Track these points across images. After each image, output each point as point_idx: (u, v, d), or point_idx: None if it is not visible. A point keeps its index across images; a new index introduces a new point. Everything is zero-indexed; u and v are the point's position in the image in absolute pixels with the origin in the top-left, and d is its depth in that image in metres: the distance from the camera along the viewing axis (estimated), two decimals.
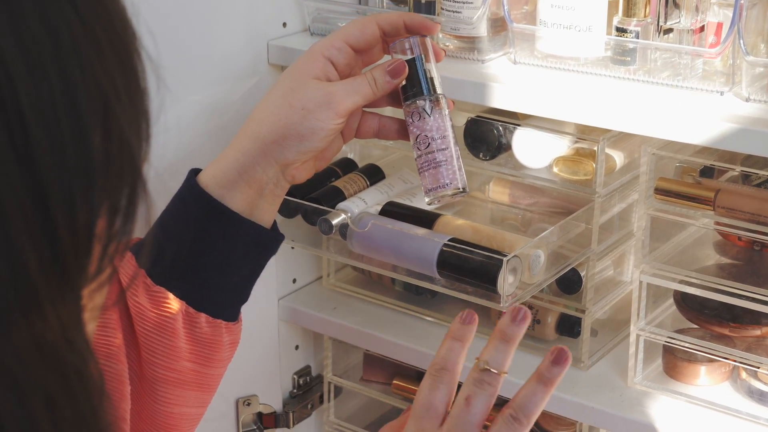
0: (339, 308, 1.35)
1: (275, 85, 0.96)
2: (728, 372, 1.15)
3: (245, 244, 0.96)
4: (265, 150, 0.93)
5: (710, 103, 1.02)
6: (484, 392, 0.80)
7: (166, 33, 1.14)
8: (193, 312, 0.95)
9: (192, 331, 0.95)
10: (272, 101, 0.95)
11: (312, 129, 0.93)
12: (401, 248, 1.09)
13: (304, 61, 0.95)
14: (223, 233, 0.94)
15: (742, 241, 1.16)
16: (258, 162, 0.94)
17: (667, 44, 1.07)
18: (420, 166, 0.97)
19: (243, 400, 1.35)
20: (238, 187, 0.94)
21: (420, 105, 0.96)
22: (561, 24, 1.10)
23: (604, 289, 1.23)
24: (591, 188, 1.14)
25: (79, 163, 0.47)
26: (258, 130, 0.94)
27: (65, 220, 0.47)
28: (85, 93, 0.48)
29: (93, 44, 0.48)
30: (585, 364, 1.20)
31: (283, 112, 0.93)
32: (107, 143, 0.49)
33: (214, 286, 0.96)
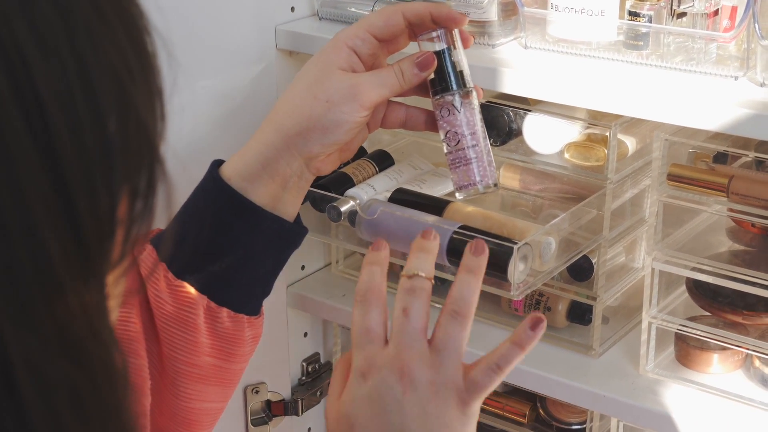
0: (348, 295, 1.34)
1: (299, 75, 0.94)
2: (741, 360, 1.14)
3: (268, 238, 0.94)
4: (288, 143, 0.92)
5: (724, 89, 1.01)
6: (418, 299, 0.77)
7: (174, 18, 1.13)
8: (215, 306, 0.94)
9: (213, 326, 0.94)
10: (296, 93, 0.93)
11: (337, 122, 0.91)
12: (410, 235, 1.08)
13: (328, 52, 0.93)
14: (246, 227, 0.93)
15: (756, 227, 1.15)
16: (282, 155, 0.92)
17: (680, 28, 1.06)
18: (450, 162, 0.97)
19: (251, 387, 1.35)
20: (261, 180, 0.93)
21: (449, 100, 0.96)
22: (572, 8, 1.09)
23: (615, 276, 1.22)
24: (603, 174, 1.13)
25: (97, 145, 0.47)
26: (281, 122, 0.92)
27: (87, 205, 0.47)
28: (100, 74, 0.47)
29: (104, 24, 0.48)
30: (596, 351, 1.19)
31: (307, 104, 0.91)
32: (124, 124, 0.48)
33: (236, 280, 0.95)
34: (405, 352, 0.75)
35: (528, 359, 1.18)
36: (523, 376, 1.19)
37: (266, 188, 0.93)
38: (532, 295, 1.22)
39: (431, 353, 0.76)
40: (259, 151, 0.93)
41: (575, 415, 1.28)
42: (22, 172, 0.45)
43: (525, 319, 0.79)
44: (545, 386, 1.18)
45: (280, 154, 0.92)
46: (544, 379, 1.17)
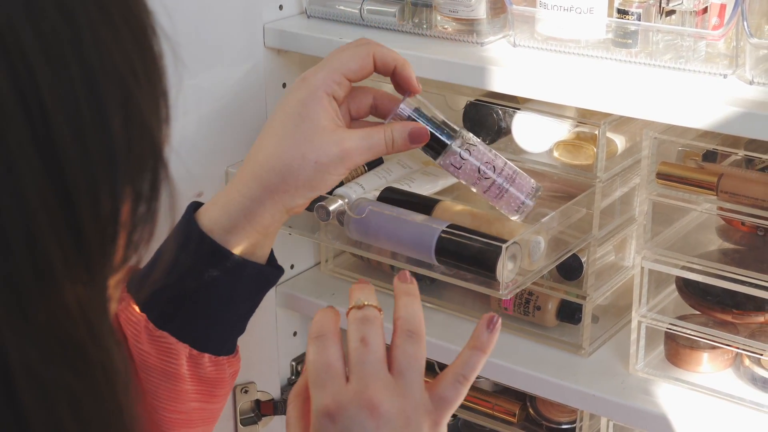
0: (337, 294, 1.34)
1: (281, 123, 0.93)
2: (731, 359, 1.14)
3: (249, 285, 0.95)
4: (274, 197, 0.92)
5: (713, 87, 1.01)
6: (373, 326, 0.76)
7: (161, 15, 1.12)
8: (197, 354, 0.94)
9: (197, 373, 0.95)
10: (282, 147, 0.92)
11: (324, 180, 0.92)
12: (399, 235, 1.08)
13: (308, 102, 0.92)
14: (229, 277, 0.93)
15: (746, 226, 1.15)
16: (266, 208, 0.92)
17: (669, 26, 1.06)
18: (491, 199, 1.01)
19: (240, 387, 1.34)
20: (244, 231, 0.93)
21: (453, 156, 0.99)
22: (561, 6, 1.08)
23: (605, 275, 1.21)
24: (592, 173, 1.13)
25: (101, 150, 0.47)
26: (267, 178, 0.92)
27: (89, 209, 0.47)
28: (104, 78, 0.47)
29: (110, 28, 0.48)
30: (586, 350, 1.18)
31: (296, 163, 0.91)
32: (128, 128, 0.48)
33: (217, 326, 0.95)
34: (370, 385, 0.74)
35: (518, 358, 1.19)
36: (513, 375, 1.18)
37: (248, 239, 0.93)
38: (521, 295, 1.21)
39: (395, 379, 0.75)
40: (242, 204, 0.92)
41: (565, 414, 1.27)
42: (24, 176, 0.44)
43: (480, 321, 0.79)
44: (535, 386, 1.18)
45: (265, 208, 0.92)
46: (533, 378, 1.17)
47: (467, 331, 1.23)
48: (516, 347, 1.21)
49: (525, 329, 1.22)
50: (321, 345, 0.76)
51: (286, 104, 0.93)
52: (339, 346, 0.76)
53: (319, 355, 0.75)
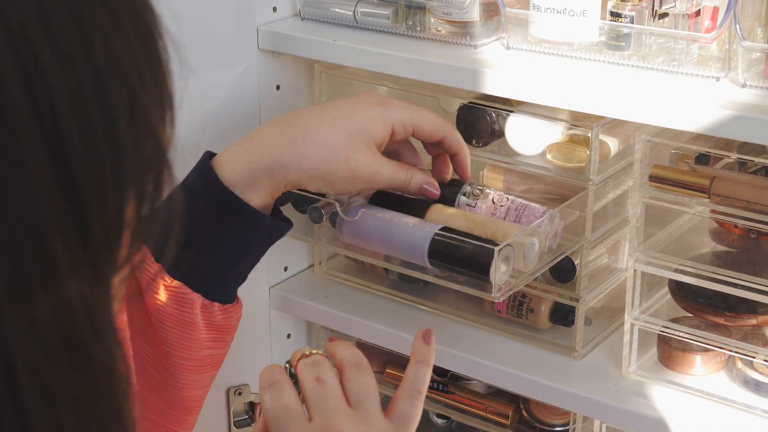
0: (331, 296, 1.34)
1: (342, 117, 1.00)
2: (724, 361, 1.14)
3: (263, 238, 1.00)
4: (301, 175, 0.98)
5: (706, 89, 1.01)
6: (324, 366, 0.79)
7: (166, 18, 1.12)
8: (208, 303, 0.98)
9: (209, 321, 0.98)
10: (334, 142, 0.98)
11: (346, 187, 1.01)
12: (392, 237, 1.08)
13: (375, 123, 1.00)
14: (247, 231, 0.97)
15: (738, 228, 1.15)
16: (290, 179, 0.98)
17: (662, 29, 1.06)
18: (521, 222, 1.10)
19: (234, 389, 1.34)
20: (263, 190, 0.97)
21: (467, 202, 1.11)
22: (554, 8, 1.08)
23: (598, 277, 1.21)
24: (585, 175, 1.13)
25: (108, 150, 0.47)
26: (306, 158, 0.97)
27: (96, 208, 0.47)
28: (112, 80, 0.48)
29: (118, 30, 0.48)
30: (579, 353, 1.18)
31: (338, 161, 0.98)
32: (134, 129, 0.49)
33: (227, 276, 0.99)
34: (334, 418, 0.76)
35: (511, 361, 1.19)
36: (506, 377, 1.18)
37: (265, 197, 0.98)
38: (514, 297, 1.21)
39: (355, 410, 0.77)
40: (271, 168, 0.97)
41: (558, 416, 1.27)
42: (32, 173, 0.45)
43: (416, 337, 0.83)
44: (528, 388, 1.18)
45: (289, 178, 0.98)
46: (527, 380, 1.17)
47: (461, 334, 1.23)
48: (509, 350, 1.21)
49: (518, 331, 1.22)
50: (275, 391, 0.78)
51: (358, 110, 1.01)
52: (293, 389, 0.79)
53: (276, 401, 0.77)
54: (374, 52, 1.17)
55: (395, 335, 1.25)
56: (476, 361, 1.20)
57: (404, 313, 1.28)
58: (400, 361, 1.35)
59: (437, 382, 1.32)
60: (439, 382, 1.32)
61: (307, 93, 1.33)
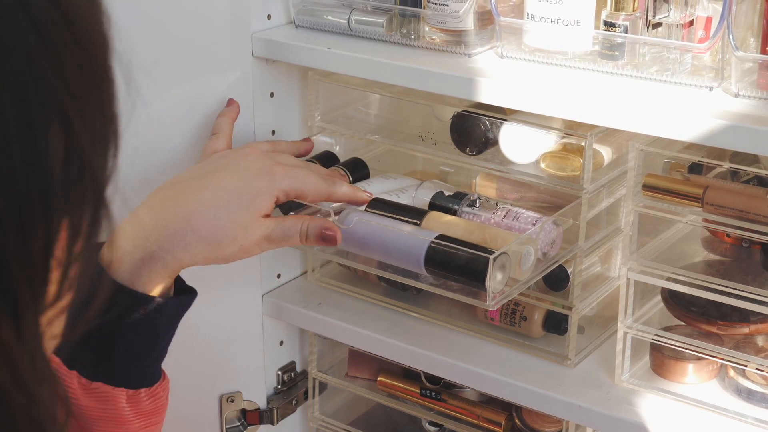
0: (324, 304, 1.34)
1: (226, 193, 1.00)
2: (716, 370, 1.14)
3: (172, 318, 0.99)
4: (193, 258, 0.98)
5: (699, 99, 1.01)
6: None
7: (149, 23, 1.12)
8: (133, 392, 0.96)
9: (137, 409, 0.97)
10: (219, 222, 0.98)
11: (238, 257, 1.02)
12: (387, 245, 1.08)
13: (262, 196, 1.01)
14: (151, 320, 0.96)
15: (731, 237, 1.16)
16: (182, 263, 0.98)
17: (655, 39, 1.06)
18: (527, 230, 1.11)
19: (227, 396, 1.34)
20: (158, 278, 0.96)
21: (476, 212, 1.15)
22: (548, 18, 1.09)
23: (591, 286, 1.22)
24: (578, 184, 1.13)
25: (35, 187, 0.44)
26: (193, 243, 0.98)
27: (17, 250, 0.44)
28: (42, 112, 0.44)
29: (50, 55, 0.45)
30: (572, 361, 1.19)
31: (226, 241, 0.99)
32: (68, 166, 0.45)
33: (145, 361, 0.98)
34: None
35: (504, 369, 1.19)
36: (499, 385, 1.19)
37: (162, 284, 0.97)
38: (507, 305, 1.21)
39: None
40: (163, 260, 0.96)
41: (551, 424, 1.28)
42: None
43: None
44: (521, 396, 1.18)
45: (183, 265, 0.99)
46: (519, 388, 1.17)
47: (454, 341, 1.24)
48: (502, 357, 1.21)
49: (511, 339, 1.23)
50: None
51: (244, 184, 1.01)
52: None
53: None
54: (368, 60, 1.17)
55: (388, 343, 1.26)
56: (469, 369, 1.20)
57: (397, 321, 1.28)
58: (393, 369, 1.35)
59: (430, 389, 1.32)
60: (431, 389, 1.32)
61: (301, 100, 1.33)
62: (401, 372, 1.35)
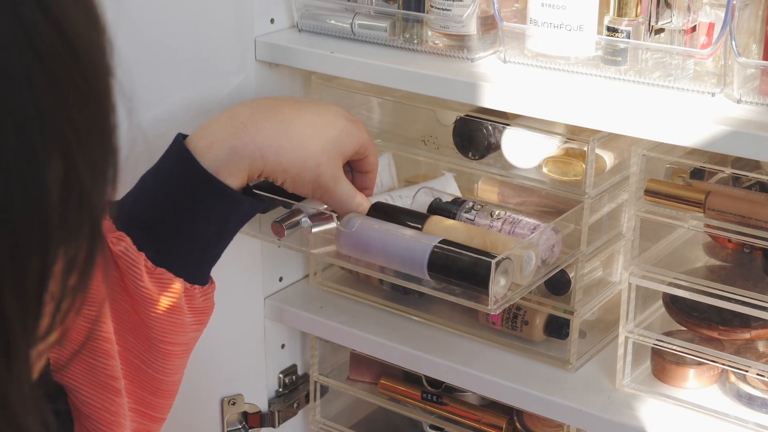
0: (326, 307, 1.34)
1: (327, 123, 1.06)
2: (717, 375, 1.15)
3: (241, 218, 1.02)
4: (276, 167, 1.02)
5: (701, 105, 1.01)
6: None
7: (153, 27, 1.13)
8: (189, 286, 0.99)
9: (192, 304, 1.00)
10: (312, 144, 1.03)
11: (304, 189, 1.05)
12: (390, 249, 1.08)
13: (350, 136, 1.07)
14: (226, 213, 0.99)
15: (732, 243, 1.16)
16: (267, 168, 1.01)
17: (658, 44, 1.07)
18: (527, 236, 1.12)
19: (228, 399, 1.34)
20: (241, 173, 1.00)
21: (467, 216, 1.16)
22: (551, 23, 1.09)
23: (593, 291, 1.22)
24: (580, 189, 1.13)
25: (32, 218, 0.43)
26: (282, 155, 1.02)
27: (12, 281, 0.43)
28: (43, 143, 0.43)
29: (54, 88, 0.44)
30: (573, 365, 1.19)
31: (311, 163, 1.03)
32: (66, 197, 0.45)
33: (205, 258, 1.01)
34: None
35: (505, 373, 1.19)
36: (500, 389, 1.19)
37: (240, 180, 1.00)
38: (509, 309, 1.22)
39: None
40: (252, 157, 1.00)
41: (552, 429, 1.28)
42: None
43: None
44: (522, 400, 1.18)
45: (266, 170, 1.02)
46: (520, 392, 1.17)
47: (455, 345, 1.24)
48: (503, 362, 1.21)
49: (512, 344, 1.23)
50: None
51: (337, 119, 1.07)
52: None
53: None
54: (371, 64, 1.17)
55: (389, 346, 1.26)
56: (470, 373, 1.20)
57: (398, 325, 1.28)
58: (395, 373, 1.35)
59: (431, 393, 1.32)
60: (433, 393, 1.32)
61: None
62: (402, 375, 1.35)
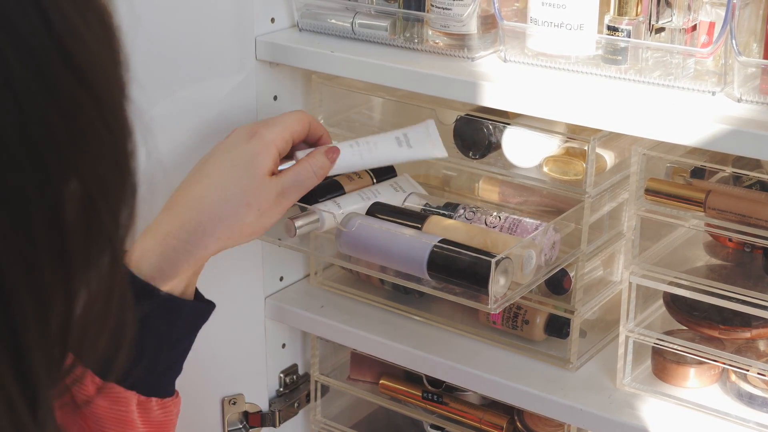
0: (326, 307, 1.34)
1: (222, 170, 1.00)
2: (717, 374, 1.15)
3: (186, 324, 0.98)
4: (218, 243, 0.97)
5: (702, 104, 1.01)
6: None
7: (154, 27, 1.13)
8: (144, 399, 0.96)
9: (147, 418, 0.97)
10: (227, 195, 0.97)
11: (263, 225, 1.00)
12: (390, 249, 1.08)
13: (260, 154, 1.00)
14: (167, 319, 0.96)
15: (733, 242, 1.16)
16: (209, 252, 0.97)
17: (658, 43, 1.07)
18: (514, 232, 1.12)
19: (229, 399, 1.34)
20: (185, 274, 0.96)
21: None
22: (552, 22, 1.09)
23: (593, 290, 1.22)
24: (581, 188, 1.13)
25: (53, 251, 0.43)
26: (212, 225, 0.97)
27: (37, 327, 0.43)
28: (59, 173, 0.43)
29: (69, 122, 0.43)
30: (573, 365, 1.19)
31: (241, 211, 0.97)
32: (86, 226, 0.45)
33: (159, 369, 0.98)
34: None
35: (505, 372, 1.19)
36: (501, 389, 1.19)
37: (186, 280, 0.97)
38: (509, 309, 1.21)
39: None
40: (186, 251, 0.96)
41: (552, 428, 1.28)
42: None
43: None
44: (522, 399, 1.18)
45: (208, 252, 0.97)
46: (521, 392, 1.17)
47: (456, 345, 1.24)
48: (504, 361, 1.21)
49: (513, 343, 1.23)
50: None
51: (235, 155, 1.00)
52: None
53: None
54: (372, 63, 1.17)
55: (390, 346, 1.26)
56: (471, 372, 1.20)
57: (399, 324, 1.28)
58: (395, 372, 1.35)
59: (432, 392, 1.32)
60: (433, 392, 1.32)
61: (304, 104, 1.33)
62: (403, 375, 1.35)
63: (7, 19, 0.41)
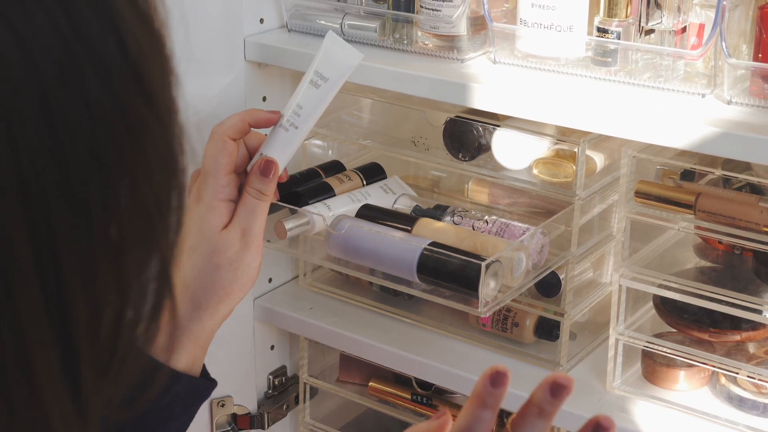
0: (315, 308, 1.33)
1: (190, 249, 0.95)
2: (707, 377, 1.14)
3: (187, 400, 0.96)
4: (209, 311, 0.94)
5: (691, 106, 1.01)
6: None
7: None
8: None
9: None
10: (197, 267, 0.94)
11: (248, 275, 0.96)
12: (380, 251, 1.08)
13: (207, 217, 0.95)
14: (172, 395, 0.93)
15: (723, 244, 1.15)
16: (205, 323, 0.94)
17: (648, 45, 1.06)
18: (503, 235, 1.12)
19: (217, 401, 1.34)
20: (184, 349, 0.94)
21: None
22: (541, 23, 1.09)
23: (583, 292, 1.21)
24: (571, 190, 1.13)
25: (109, 253, 0.45)
26: (197, 296, 0.94)
27: (88, 325, 0.44)
28: (115, 171, 0.45)
29: (143, 170, 0.46)
30: (564, 367, 1.18)
31: (217, 276, 0.94)
32: (132, 225, 0.46)
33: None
34: None
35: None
36: None
37: (189, 354, 0.94)
38: (499, 311, 1.21)
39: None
40: (182, 326, 0.93)
41: None
42: (31, 334, 0.42)
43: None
44: (512, 402, 1.18)
45: (204, 323, 0.94)
46: (511, 395, 1.15)
47: (445, 347, 1.23)
48: (493, 363, 1.20)
49: (503, 346, 1.22)
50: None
51: (192, 229, 0.96)
52: None
53: None
54: (361, 64, 1.15)
55: (379, 348, 1.25)
56: (460, 375, 1.20)
57: (388, 326, 1.28)
58: (384, 374, 1.35)
59: (421, 395, 1.32)
60: (422, 395, 1.32)
61: None
62: (392, 377, 1.35)
63: (90, 43, 0.45)
